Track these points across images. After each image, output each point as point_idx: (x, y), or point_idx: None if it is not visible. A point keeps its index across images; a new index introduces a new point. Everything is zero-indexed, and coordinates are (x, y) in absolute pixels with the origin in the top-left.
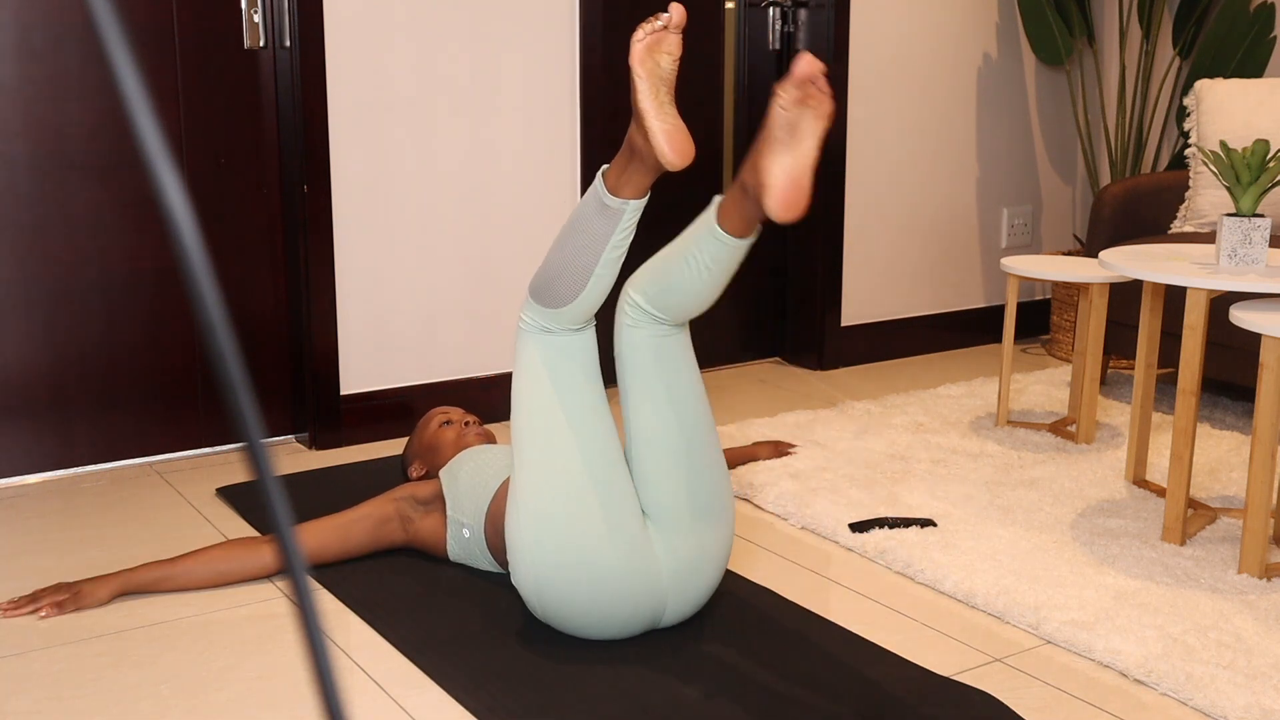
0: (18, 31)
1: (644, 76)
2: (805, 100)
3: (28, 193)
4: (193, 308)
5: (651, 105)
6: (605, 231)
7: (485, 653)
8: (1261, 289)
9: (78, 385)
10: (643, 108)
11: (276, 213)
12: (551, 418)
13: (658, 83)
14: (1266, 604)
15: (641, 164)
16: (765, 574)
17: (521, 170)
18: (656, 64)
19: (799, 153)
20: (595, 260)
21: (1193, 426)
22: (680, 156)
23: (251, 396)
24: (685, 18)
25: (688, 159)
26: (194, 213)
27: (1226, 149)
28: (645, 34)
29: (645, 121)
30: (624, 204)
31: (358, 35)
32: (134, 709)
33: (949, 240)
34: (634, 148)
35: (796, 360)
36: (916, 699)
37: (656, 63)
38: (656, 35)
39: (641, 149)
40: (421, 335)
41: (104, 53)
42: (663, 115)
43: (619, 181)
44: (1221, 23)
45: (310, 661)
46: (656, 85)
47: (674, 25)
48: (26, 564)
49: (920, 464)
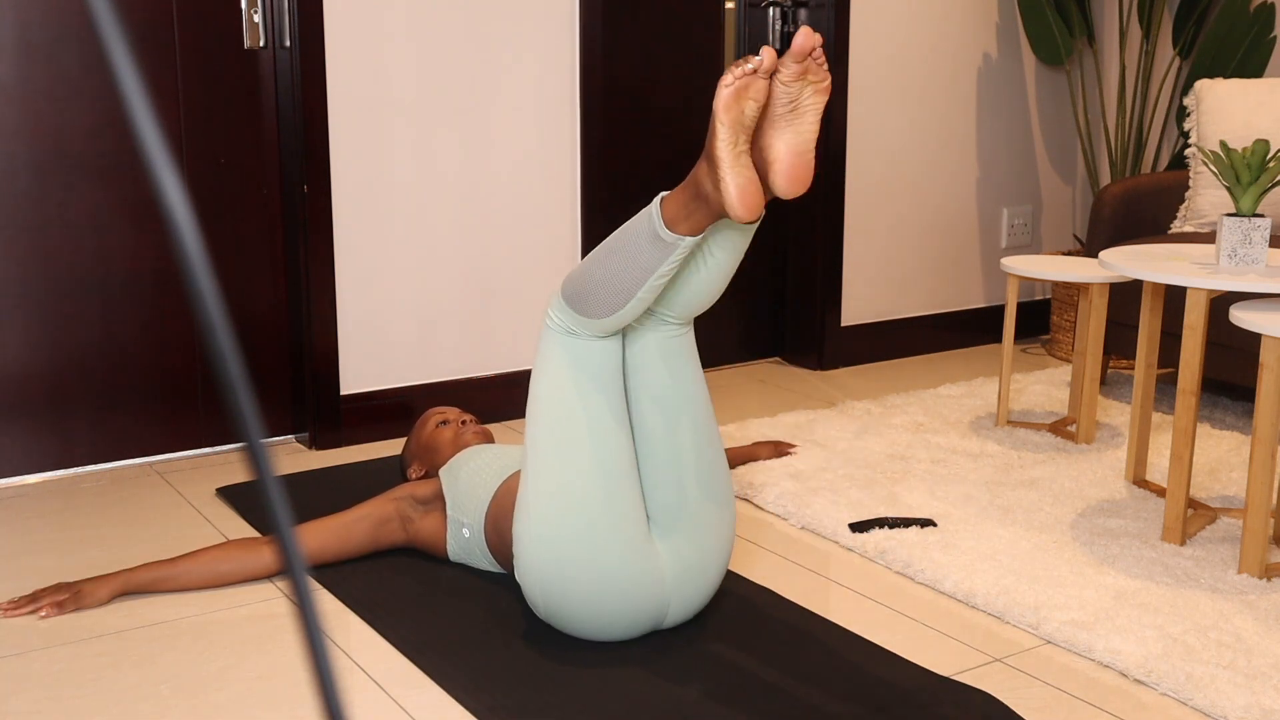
0: (18, 31)
1: (727, 124)
2: (804, 74)
3: (28, 193)
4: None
5: (729, 155)
6: (654, 261)
7: (485, 653)
8: (1261, 289)
9: (78, 385)
10: (719, 156)
11: (276, 213)
12: (569, 423)
13: (739, 131)
14: (1266, 604)
15: (705, 207)
16: (765, 574)
17: (522, 170)
18: (742, 111)
19: (801, 127)
20: (638, 285)
21: (1193, 426)
22: (750, 213)
23: (251, 396)
24: (776, 61)
25: (757, 215)
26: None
27: (1226, 149)
28: (734, 78)
29: (719, 171)
30: (678, 239)
31: (358, 35)
32: (134, 709)
33: (949, 240)
34: (701, 192)
35: (796, 360)
36: (916, 699)
37: (742, 109)
38: (745, 80)
39: (709, 195)
40: (421, 335)
41: (104, 53)
42: (738, 168)
43: (677, 217)
44: (1221, 23)
45: (310, 661)
46: (737, 134)
47: (764, 70)
48: (26, 564)
49: (920, 464)
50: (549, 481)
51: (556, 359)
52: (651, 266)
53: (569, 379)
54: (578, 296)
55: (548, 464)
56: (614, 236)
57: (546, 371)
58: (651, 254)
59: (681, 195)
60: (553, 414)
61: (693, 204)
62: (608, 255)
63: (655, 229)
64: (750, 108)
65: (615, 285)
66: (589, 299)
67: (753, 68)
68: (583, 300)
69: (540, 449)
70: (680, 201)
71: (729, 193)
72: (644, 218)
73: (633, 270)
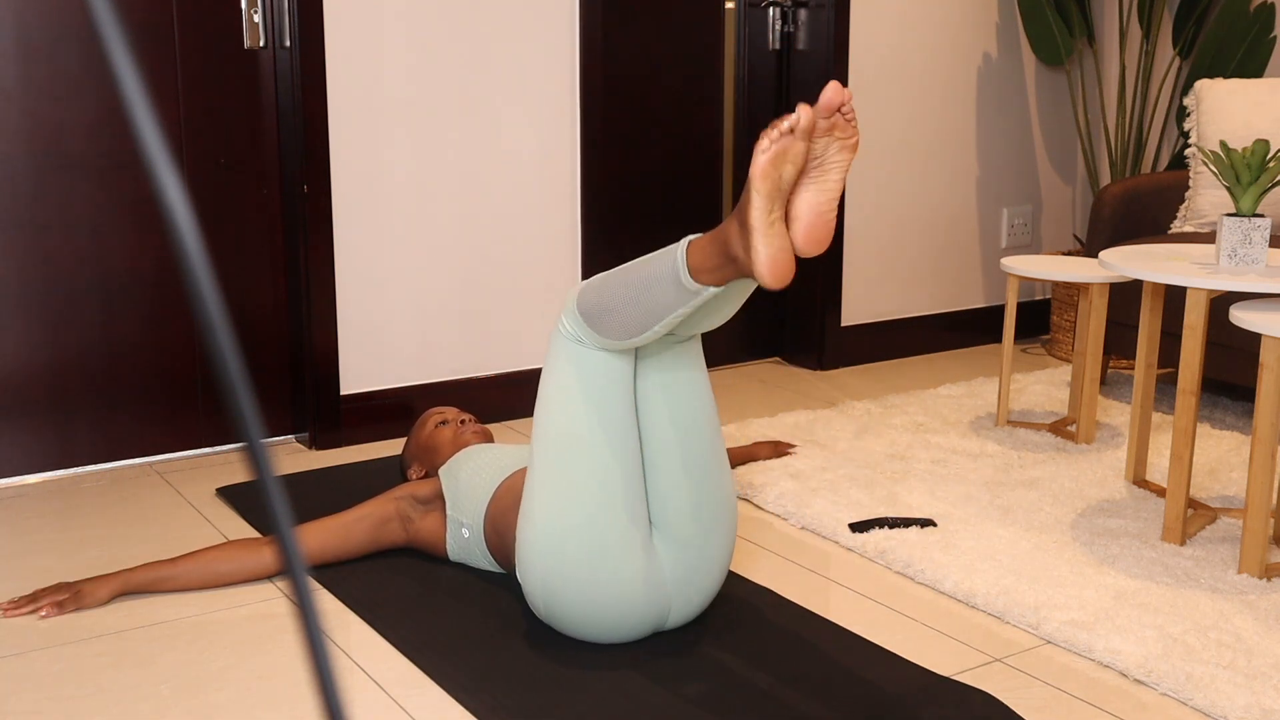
0: (18, 31)
1: (763, 193)
2: (832, 130)
3: (28, 193)
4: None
5: (763, 224)
6: (673, 302)
7: (485, 653)
8: (1261, 289)
9: (78, 385)
10: (753, 224)
11: (276, 213)
12: (576, 429)
13: (775, 199)
14: (1266, 604)
15: (733, 267)
16: (765, 574)
17: (521, 170)
18: (780, 176)
19: (825, 185)
20: (655, 321)
21: (1193, 426)
22: (780, 281)
23: (251, 396)
24: (814, 122)
25: (786, 282)
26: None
27: (1226, 149)
28: (770, 143)
29: (752, 239)
30: (701, 289)
31: (358, 35)
32: (134, 709)
33: (949, 240)
34: (730, 252)
35: (796, 360)
36: (916, 699)
37: (780, 175)
38: (784, 143)
39: (739, 258)
40: (421, 335)
41: (104, 53)
42: (770, 238)
43: (703, 269)
44: (1221, 23)
45: (310, 661)
46: (773, 201)
47: (802, 131)
48: (26, 564)
49: (920, 464)
50: (552, 483)
51: (565, 364)
52: (670, 307)
53: (576, 384)
54: (593, 315)
55: (552, 466)
56: (637, 266)
57: (555, 375)
58: (672, 296)
59: (710, 250)
60: (560, 417)
61: (720, 260)
62: (628, 284)
63: (679, 274)
64: (788, 172)
65: (632, 316)
66: (604, 321)
67: (789, 126)
68: (597, 320)
69: (545, 451)
70: (707, 254)
71: (760, 262)
72: (669, 258)
73: (651, 306)
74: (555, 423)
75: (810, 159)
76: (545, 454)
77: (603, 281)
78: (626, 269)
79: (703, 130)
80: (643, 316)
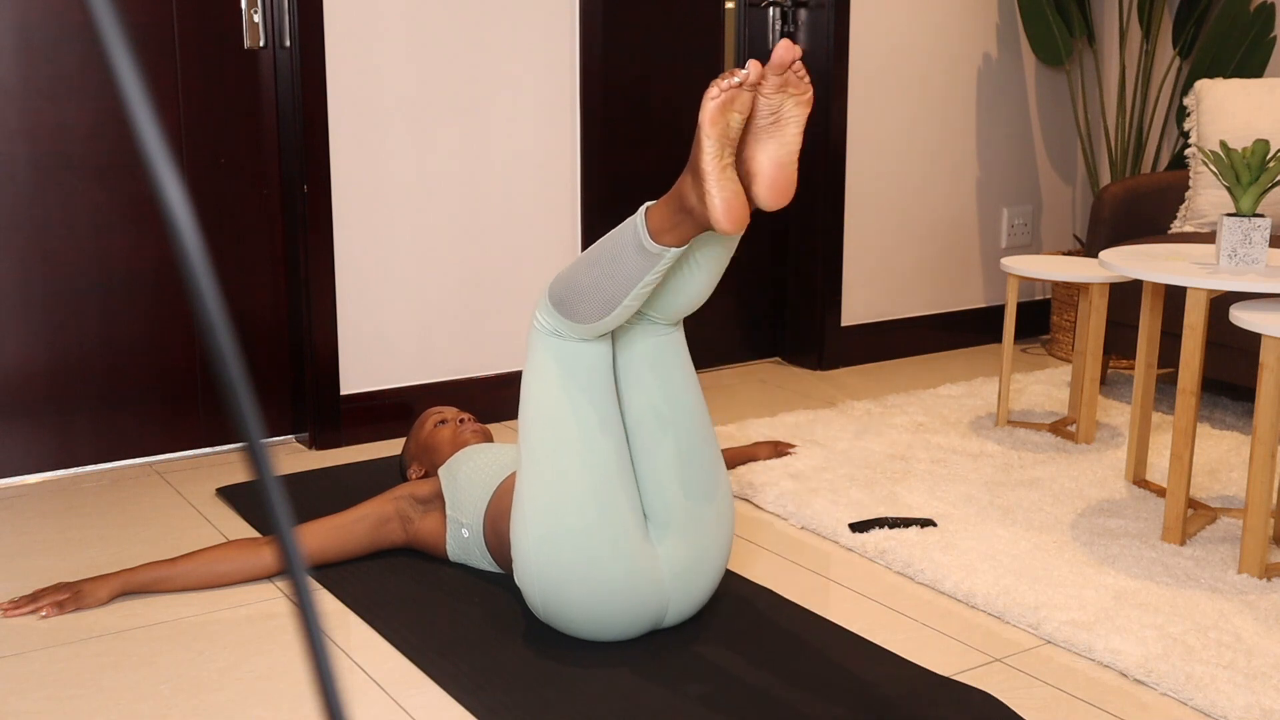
0: (18, 31)
1: (713, 137)
2: (785, 86)
3: (28, 193)
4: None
5: (714, 169)
6: (639, 270)
7: (485, 653)
8: (1261, 289)
9: (78, 385)
10: (705, 170)
11: (276, 213)
12: (561, 425)
13: (724, 144)
14: (1266, 604)
15: (690, 220)
16: (765, 574)
17: (521, 170)
18: (727, 124)
19: (783, 139)
20: (624, 294)
21: (1193, 426)
22: (735, 226)
23: (251, 396)
24: (761, 74)
25: (742, 227)
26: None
27: (1226, 149)
28: (719, 91)
29: (705, 184)
30: (663, 250)
31: (358, 36)
32: (134, 709)
33: (949, 240)
34: (686, 204)
35: (796, 360)
36: (916, 699)
37: (727, 122)
38: (731, 93)
39: (695, 208)
40: (421, 335)
41: (104, 53)
42: (723, 181)
43: (662, 228)
44: (1221, 23)
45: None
46: (722, 147)
47: (749, 82)
48: (26, 564)
49: (920, 464)
50: (543, 482)
51: (545, 361)
52: (637, 276)
53: (557, 380)
54: (564, 302)
55: (541, 465)
56: (599, 244)
57: (536, 373)
58: (637, 263)
59: (666, 207)
60: (544, 415)
61: (678, 216)
62: (593, 263)
63: (640, 239)
64: (735, 120)
65: (601, 292)
66: (575, 304)
67: (739, 81)
68: (569, 305)
69: (533, 450)
70: (665, 213)
71: (714, 206)
72: (629, 227)
73: (618, 278)
74: (540, 420)
75: (768, 114)
76: (534, 452)
77: (570, 267)
78: (590, 250)
79: None
80: (612, 290)
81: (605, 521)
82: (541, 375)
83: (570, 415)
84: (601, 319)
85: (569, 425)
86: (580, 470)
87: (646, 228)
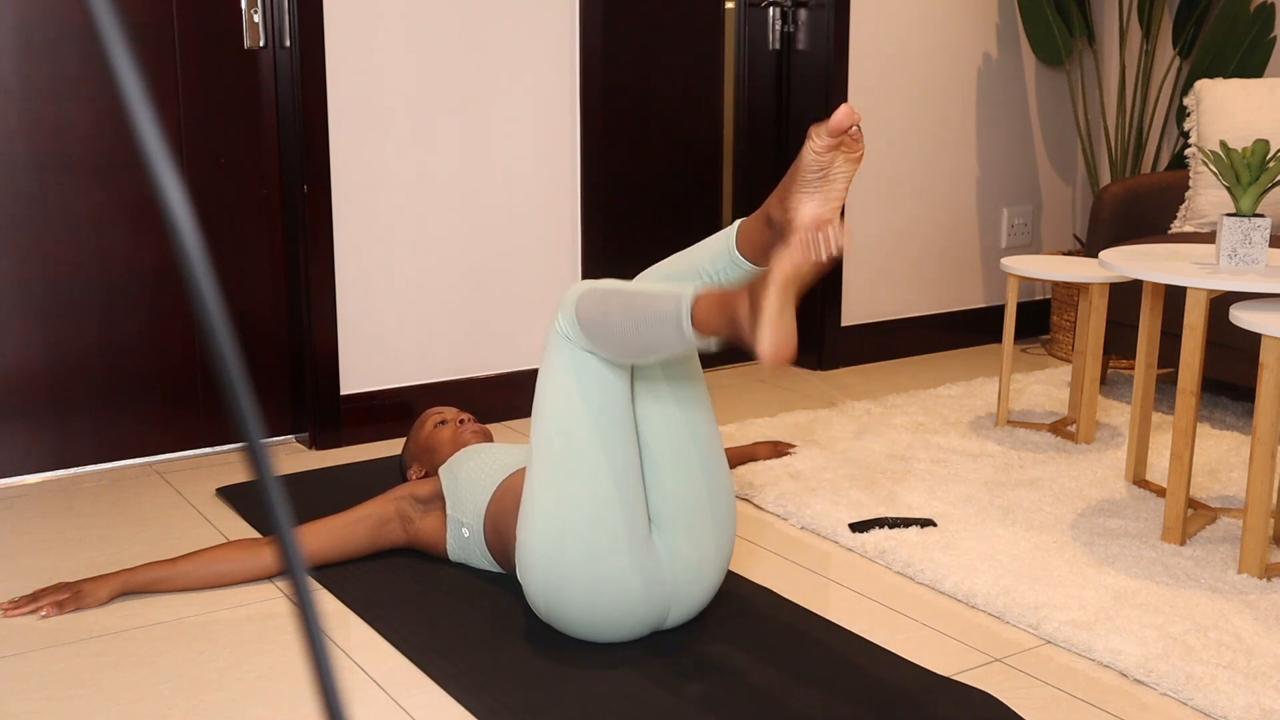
0: (18, 31)
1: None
2: (839, 146)
3: (28, 193)
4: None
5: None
6: (671, 343)
7: (486, 653)
8: (1261, 289)
9: (78, 385)
10: (764, 311)
11: (276, 213)
12: (573, 425)
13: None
14: (1266, 604)
15: (734, 332)
16: (765, 574)
17: (521, 171)
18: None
19: (829, 194)
20: (650, 353)
21: (1193, 426)
22: (778, 365)
23: (251, 396)
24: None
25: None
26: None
27: (1226, 149)
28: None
29: (759, 321)
30: (700, 339)
31: (358, 36)
32: (134, 709)
33: (949, 240)
34: (735, 318)
35: (797, 360)
36: (916, 699)
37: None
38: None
39: (744, 332)
40: (421, 335)
41: (104, 53)
42: (780, 323)
43: (706, 325)
44: (1221, 23)
45: (310, 661)
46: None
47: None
48: (26, 564)
49: (920, 464)
50: (553, 483)
51: (563, 364)
52: (667, 346)
53: (574, 385)
54: (591, 329)
55: (551, 463)
56: (641, 297)
57: (552, 375)
58: (671, 337)
59: (716, 310)
60: (557, 416)
61: (724, 324)
62: (628, 313)
63: (681, 322)
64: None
65: (628, 343)
66: (599, 337)
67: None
68: (593, 334)
69: (545, 451)
70: (713, 314)
71: (763, 344)
72: (674, 303)
73: (649, 340)
74: (553, 423)
75: (816, 169)
76: (544, 454)
77: (604, 297)
78: (630, 295)
79: (703, 130)
80: (639, 347)
81: (611, 525)
82: (558, 379)
83: (583, 415)
84: (619, 359)
85: (581, 425)
86: (590, 474)
87: (691, 315)
